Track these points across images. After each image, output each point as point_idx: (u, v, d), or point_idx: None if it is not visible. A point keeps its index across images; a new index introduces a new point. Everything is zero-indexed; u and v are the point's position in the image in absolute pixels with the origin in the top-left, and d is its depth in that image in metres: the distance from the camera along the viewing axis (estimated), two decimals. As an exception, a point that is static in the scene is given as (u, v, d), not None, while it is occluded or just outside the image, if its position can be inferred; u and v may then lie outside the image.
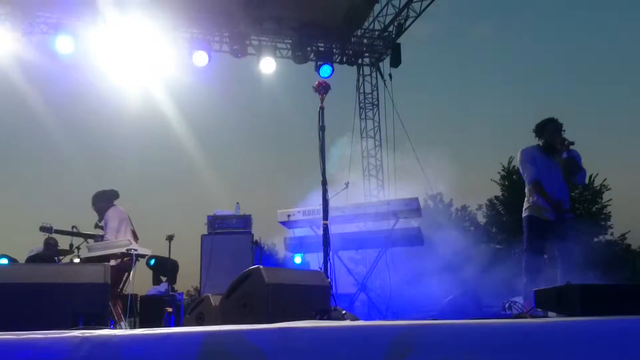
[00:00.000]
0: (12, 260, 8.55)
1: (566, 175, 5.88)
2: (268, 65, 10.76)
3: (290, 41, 11.17)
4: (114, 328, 5.08)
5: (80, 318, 3.60)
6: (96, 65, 10.31)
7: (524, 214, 5.94)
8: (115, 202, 6.99)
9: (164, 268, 8.42)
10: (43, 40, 9.85)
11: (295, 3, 10.50)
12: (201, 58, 10.21)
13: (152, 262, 9.06)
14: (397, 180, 11.10)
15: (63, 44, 9.57)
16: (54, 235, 7.29)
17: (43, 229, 6.74)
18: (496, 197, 25.09)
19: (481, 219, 26.51)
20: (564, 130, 5.85)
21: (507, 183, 24.25)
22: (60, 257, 8.13)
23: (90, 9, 9.52)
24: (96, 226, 7.00)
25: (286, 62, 11.24)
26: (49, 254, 8.26)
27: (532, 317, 3.62)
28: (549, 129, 5.86)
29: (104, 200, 6.94)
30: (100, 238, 6.76)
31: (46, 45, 9.78)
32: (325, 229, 5.32)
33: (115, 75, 10.41)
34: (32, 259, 8.10)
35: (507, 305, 4.59)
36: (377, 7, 11.33)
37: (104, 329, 3.51)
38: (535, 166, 5.85)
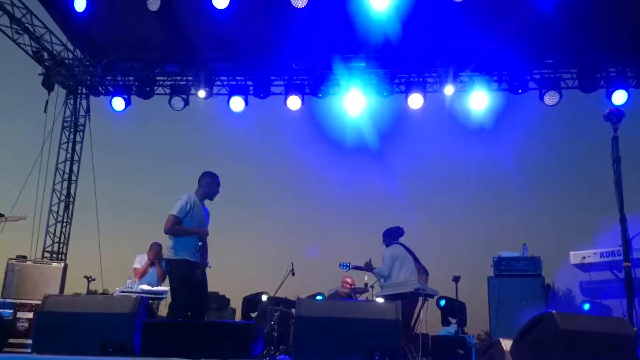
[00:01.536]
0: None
1: None
2: (551, 98, 10.25)
3: (576, 70, 10.49)
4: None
5: (376, 353, 3.84)
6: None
7: None
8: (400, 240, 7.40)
9: (453, 309, 8.43)
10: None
11: (579, 31, 9.90)
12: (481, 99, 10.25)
13: (442, 302, 9.11)
14: None
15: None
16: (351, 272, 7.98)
17: (342, 265, 7.53)
18: None
19: None
20: None
21: None
22: (357, 295, 8.75)
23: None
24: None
25: (571, 93, 10.57)
26: (346, 292, 8.95)
27: None
28: None
29: (387, 237, 7.50)
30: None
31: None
32: (628, 271, 4.78)
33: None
34: (332, 297, 8.88)
35: None
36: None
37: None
38: None
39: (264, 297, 9.06)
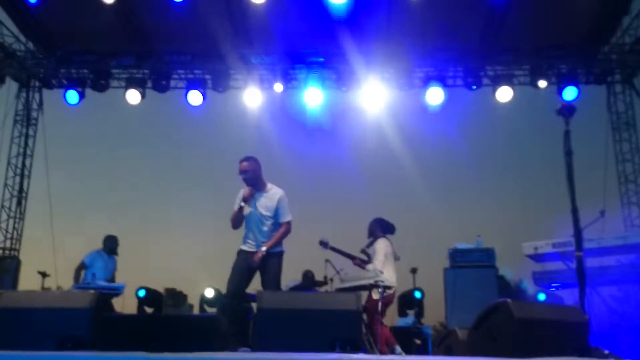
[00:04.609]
0: (148, 291, 9.27)
1: None
2: (504, 94, 10.50)
3: (528, 67, 10.80)
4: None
5: (337, 343, 3.89)
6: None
7: None
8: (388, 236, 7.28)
9: (410, 301, 8.59)
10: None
11: (531, 29, 10.19)
12: (437, 94, 10.42)
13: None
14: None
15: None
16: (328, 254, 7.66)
17: (321, 243, 7.27)
18: None
19: None
20: None
21: None
22: (317, 288, 8.79)
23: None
24: (361, 251, 7.34)
25: (522, 89, 10.85)
26: (306, 285, 8.99)
27: None
28: None
29: (379, 228, 7.29)
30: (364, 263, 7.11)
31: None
32: (580, 260, 4.95)
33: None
34: (292, 290, 8.90)
35: None
36: (626, 20, 10.39)
37: (359, 354, 3.76)
38: None
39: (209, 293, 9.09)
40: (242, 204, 5.67)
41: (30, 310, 3.99)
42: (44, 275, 8.60)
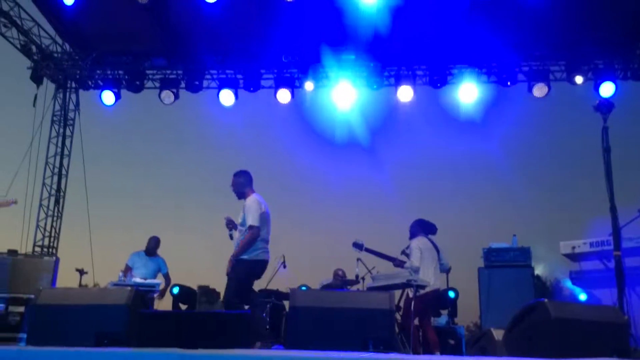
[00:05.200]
0: (182, 288, 9.44)
1: None
2: (540, 90, 10.33)
3: (564, 62, 10.59)
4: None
5: (370, 342, 3.87)
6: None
7: None
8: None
9: (444, 301, 8.49)
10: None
11: (567, 24, 9.97)
12: (470, 92, 10.29)
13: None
14: None
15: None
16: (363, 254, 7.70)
17: (355, 245, 7.34)
18: None
19: None
20: None
21: None
22: (349, 287, 8.78)
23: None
24: (402, 252, 7.33)
25: (558, 86, 10.65)
26: (338, 283, 8.98)
27: None
28: None
29: (417, 228, 7.32)
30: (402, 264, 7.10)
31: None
32: (618, 260, 4.84)
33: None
34: (324, 289, 8.89)
35: None
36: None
37: (393, 353, 3.73)
38: None
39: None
40: (230, 232, 6.18)
41: (68, 307, 4.07)
42: (81, 272, 8.76)
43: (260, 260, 6.06)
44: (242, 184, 6.31)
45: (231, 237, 6.15)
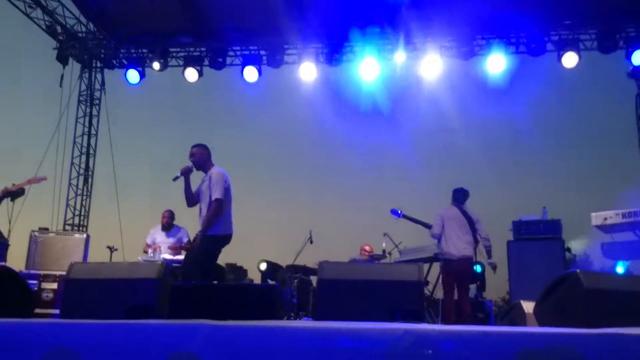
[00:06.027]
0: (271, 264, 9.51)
1: None
2: (570, 60, 10.06)
3: (595, 31, 10.29)
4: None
5: (398, 314, 3.85)
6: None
7: None
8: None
9: (473, 274, 8.43)
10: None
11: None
12: (499, 62, 10.08)
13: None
14: None
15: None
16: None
17: (393, 212, 7.45)
18: None
19: None
20: None
21: None
22: (376, 261, 8.77)
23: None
24: None
25: (588, 55, 10.37)
26: (365, 259, 8.98)
27: None
28: None
29: (452, 197, 7.50)
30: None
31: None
32: (652, 231, 4.73)
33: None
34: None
35: None
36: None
37: (423, 324, 3.71)
38: None
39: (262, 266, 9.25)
40: (178, 174, 6.05)
41: (100, 281, 4.13)
42: (111, 249, 8.91)
43: (230, 234, 6.02)
44: (205, 156, 6.24)
45: (174, 179, 6.06)
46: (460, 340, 2.54)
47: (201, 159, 6.19)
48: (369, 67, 10.43)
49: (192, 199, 6.14)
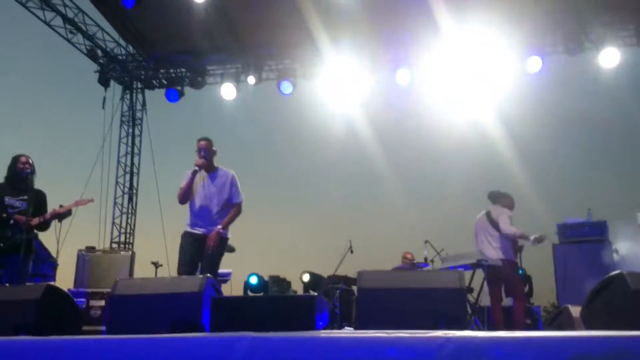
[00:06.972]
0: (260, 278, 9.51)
1: None
2: (609, 57, 9.78)
3: (633, 27, 10.01)
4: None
5: (441, 322, 3.81)
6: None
7: None
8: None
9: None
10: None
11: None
12: (534, 63, 9.88)
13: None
14: None
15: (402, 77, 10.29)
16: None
17: None
18: None
19: None
20: None
21: None
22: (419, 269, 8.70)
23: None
24: None
25: (627, 51, 10.05)
26: (407, 267, 8.93)
27: None
28: None
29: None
30: None
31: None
32: None
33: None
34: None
35: None
36: None
37: (467, 331, 3.66)
38: None
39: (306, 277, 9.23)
40: (196, 168, 5.65)
41: (144, 296, 4.22)
42: (156, 265, 9.08)
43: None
44: (214, 154, 5.87)
45: (193, 173, 5.66)
46: (506, 346, 2.51)
47: (211, 156, 5.83)
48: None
49: (188, 195, 5.82)
